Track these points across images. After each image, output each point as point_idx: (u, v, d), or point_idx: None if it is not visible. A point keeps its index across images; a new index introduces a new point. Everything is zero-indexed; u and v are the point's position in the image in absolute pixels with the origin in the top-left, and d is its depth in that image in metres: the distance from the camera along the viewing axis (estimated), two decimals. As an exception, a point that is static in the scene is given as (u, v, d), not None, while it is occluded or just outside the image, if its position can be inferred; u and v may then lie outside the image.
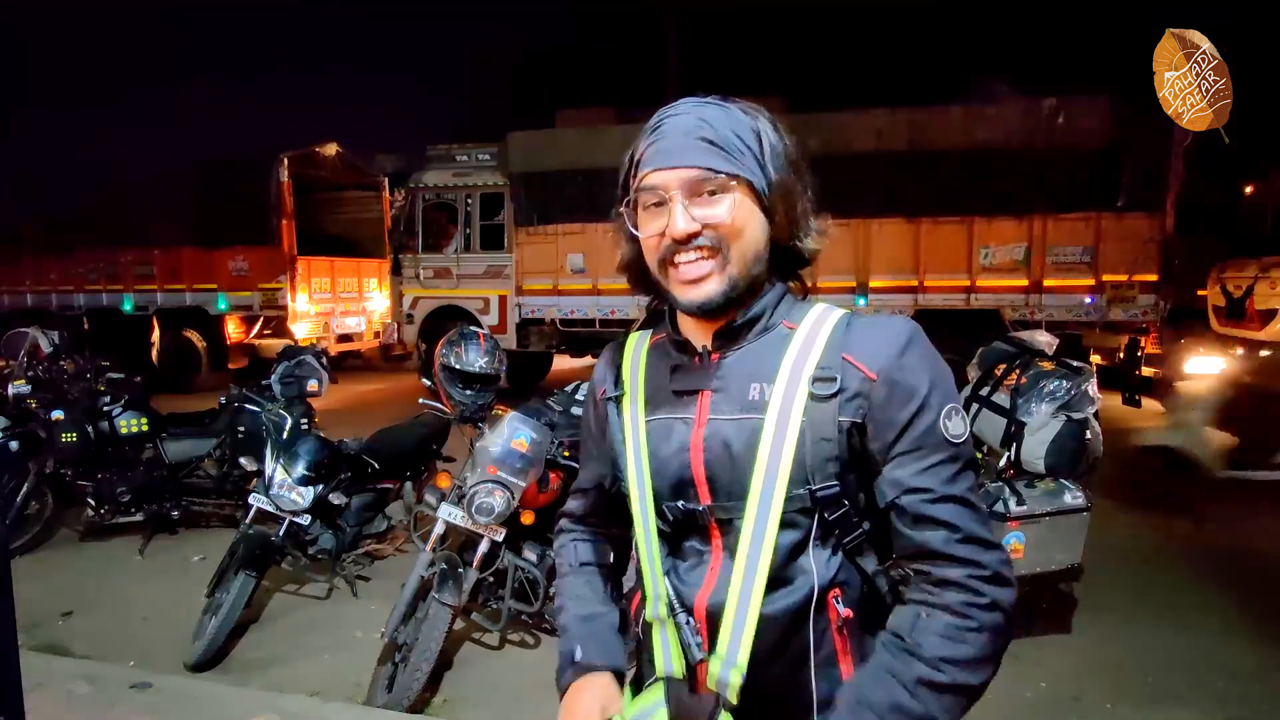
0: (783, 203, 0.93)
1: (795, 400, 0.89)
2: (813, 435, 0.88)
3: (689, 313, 0.95)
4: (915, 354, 0.90)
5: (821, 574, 0.90)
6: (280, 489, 3.37)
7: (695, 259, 0.90)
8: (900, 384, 0.88)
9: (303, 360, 4.12)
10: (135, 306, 10.61)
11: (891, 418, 0.88)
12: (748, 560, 0.89)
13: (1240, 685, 2.95)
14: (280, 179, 9.69)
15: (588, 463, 1.16)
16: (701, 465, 0.93)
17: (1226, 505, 5.08)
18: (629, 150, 0.97)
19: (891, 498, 0.88)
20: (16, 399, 4.44)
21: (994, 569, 0.86)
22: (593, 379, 1.13)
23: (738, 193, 0.90)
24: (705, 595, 0.93)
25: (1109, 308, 7.48)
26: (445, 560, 2.82)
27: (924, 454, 0.87)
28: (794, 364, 0.91)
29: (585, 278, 8.84)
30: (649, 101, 9.69)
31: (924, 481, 0.87)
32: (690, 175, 0.89)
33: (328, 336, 10.29)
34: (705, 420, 0.94)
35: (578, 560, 1.16)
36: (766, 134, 0.93)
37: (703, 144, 0.89)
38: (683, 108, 0.93)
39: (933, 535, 0.86)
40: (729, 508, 0.92)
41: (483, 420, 3.16)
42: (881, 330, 0.91)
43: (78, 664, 2.96)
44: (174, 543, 4.44)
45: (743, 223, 0.91)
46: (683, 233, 0.89)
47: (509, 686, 2.97)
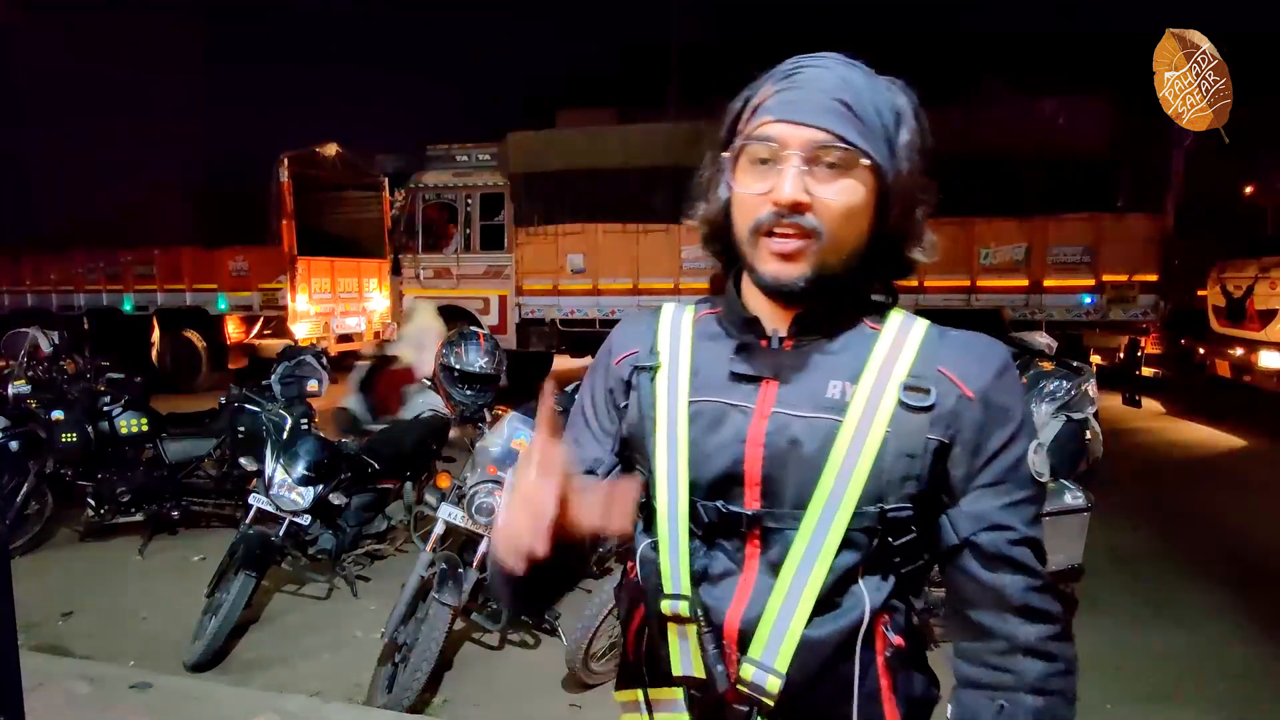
0: (903, 201, 0.81)
1: (880, 406, 0.79)
2: (895, 448, 0.78)
3: (765, 289, 0.82)
4: (1010, 379, 0.82)
5: (874, 599, 0.80)
6: (280, 489, 3.37)
7: (790, 233, 0.78)
8: (997, 408, 0.80)
9: (303, 360, 4.13)
10: (135, 306, 10.62)
11: (982, 444, 0.79)
12: (794, 580, 0.78)
13: (1242, 686, 2.95)
14: (280, 179, 9.68)
15: (575, 442, 0.96)
16: (759, 463, 0.81)
17: (1228, 505, 5.08)
18: (745, 91, 0.84)
19: (969, 533, 0.79)
20: (16, 399, 4.44)
21: (1064, 622, 0.80)
22: (610, 344, 0.96)
23: (862, 174, 0.78)
24: (738, 612, 0.81)
25: (1109, 308, 7.49)
26: (445, 560, 2.82)
27: (1009, 489, 0.79)
28: (882, 366, 0.81)
29: (585, 278, 8.85)
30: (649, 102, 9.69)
31: (1007, 519, 0.79)
32: (817, 138, 0.77)
33: (328, 336, 10.28)
34: (769, 412, 0.82)
35: None
36: (907, 118, 0.82)
37: (840, 107, 0.77)
38: (825, 61, 0.81)
39: (1010, 580, 0.78)
40: (781, 516, 0.80)
41: (483, 420, 3.16)
42: (978, 347, 0.83)
43: (78, 664, 2.95)
44: (174, 543, 4.43)
45: (854, 211, 0.79)
46: (790, 199, 0.76)
47: (509, 686, 2.97)
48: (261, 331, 10.34)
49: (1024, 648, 0.78)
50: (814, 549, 0.78)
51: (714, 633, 0.81)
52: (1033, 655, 0.78)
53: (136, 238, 10.43)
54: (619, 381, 0.93)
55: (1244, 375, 7.48)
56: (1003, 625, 0.79)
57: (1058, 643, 0.79)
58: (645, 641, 0.91)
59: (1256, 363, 7.19)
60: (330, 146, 10.45)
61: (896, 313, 0.87)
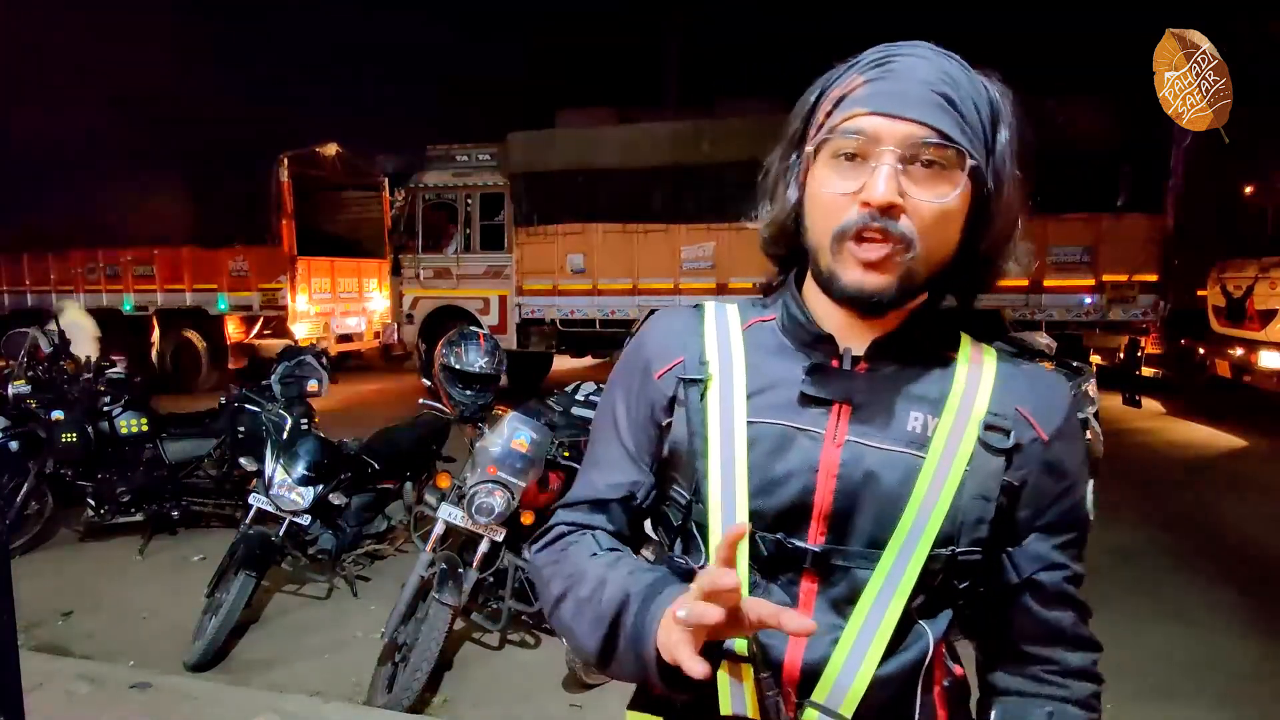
0: (1003, 211, 0.75)
1: (961, 444, 0.74)
2: (972, 490, 0.74)
3: (846, 299, 0.74)
4: (1075, 419, 0.80)
5: (935, 631, 0.77)
6: (280, 489, 3.37)
7: (878, 238, 0.70)
8: (1066, 452, 0.78)
9: (303, 360, 4.12)
10: (135, 306, 10.62)
11: (1050, 487, 0.77)
12: (866, 622, 0.73)
13: (1245, 685, 2.94)
14: (280, 179, 9.69)
15: (609, 464, 0.86)
16: (830, 495, 0.74)
17: (1228, 505, 5.08)
18: (817, 84, 0.77)
19: (1030, 572, 0.78)
20: (16, 399, 4.43)
21: (1100, 649, 0.82)
22: (645, 349, 0.86)
23: (961, 178, 0.71)
24: (799, 653, 0.74)
25: (1109, 308, 7.48)
26: (445, 560, 2.82)
27: (1068, 529, 0.79)
28: (963, 400, 0.76)
29: (585, 278, 8.85)
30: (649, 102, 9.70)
31: (1065, 558, 0.79)
32: (917, 134, 0.69)
33: (327, 337, 10.29)
34: (843, 440, 0.75)
35: (607, 545, 0.83)
36: (1005, 117, 0.75)
37: (941, 101, 0.70)
38: (920, 50, 0.73)
39: (1065, 616, 0.79)
40: (850, 555, 0.74)
41: (483, 420, 3.16)
42: (1048, 385, 0.81)
43: (78, 664, 2.95)
44: (174, 543, 4.43)
45: (949, 217, 0.72)
46: (884, 199, 0.69)
47: (509, 686, 2.97)
48: (261, 331, 10.34)
49: (1075, 671, 0.80)
50: (889, 590, 0.73)
51: (773, 675, 0.73)
52: (1082, 678, 0.80)
53: (136, 237, 10.44)
54: (663, 397, 0.83)
55: (1244, 375, 7.48)
56: (1053, 654, 0.80)
57: (1096, 665, 0.81)
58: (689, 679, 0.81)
59: (1256, 363, 7.20)
60: (330, 146, 10.46)
61: (965, 339, 0.82)
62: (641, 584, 0.73)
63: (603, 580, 0.77)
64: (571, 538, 0.86)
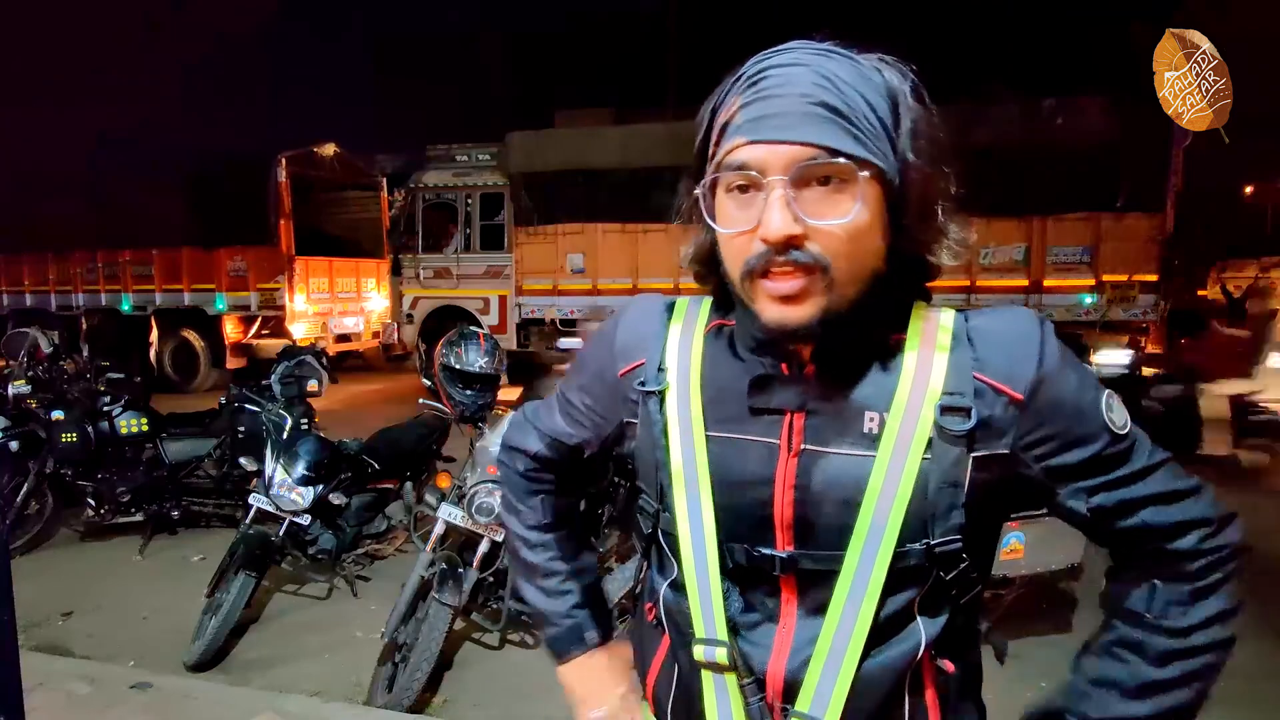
0: (920, 203, 0.70)
1: (915, 435, 0.71)
2: (937, 480, 0.70)
3: (771, 337, 0.72)
4: (1053, 354, 0.73)
5: (930, 632, 0.73)
6: (280, 489, 3.37)
7: (790, 271, 0.67)
8: (1052, 401, 0.72)
9: (303, 360, 4.12)
10: (133, 306, 10.62)
11: (1049, 440, 0.72)
12: (839, 627, 0.72)
13: (1248, 686, 2.93)
14: (278, 179, 9.69)
15: (570, 419, 0.94)
16: (790, 506, 0.73)
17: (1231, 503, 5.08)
18: (708, 103, 0.73)
19: (1086, 508, 0.74)
20: (16, 399, 4.44)
21: (1216, 515, 0.77)
22: (614, 340, 0.87)
23: (863, 186, 0.66)
24: (780, 663, 0.74)
25: (1109, 308, 7.49)
26: (445, 560, 2.82)
27: (1102, 464, 0.73)
28: (914, 385, 0.72)
29: (585, 278, 8.85)
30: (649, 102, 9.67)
31: (1112, 475, 0.74)
32: (802, 156, 0.65)
33: (325, 336, 10.29)
34: (799, 449, 0.73)
35: (552, 516, 0.99)
36: (906, 101, 0.69)
37: (823, 112, 0.65)
38: (796, 55, 0.68)
39: (1152, 515, 0.74)
40: (819, 559, 0.73)
41: (483, 420, 3.16)
42: (1010, 330, 0.73)
43: (78, 664, 2.95)
44: (174, 543, 4.43)
45: (861, 231, 0.68)
46: (780, 235, 0.66)
47: (509, 686, 2.97)
48: (259, 331, 10.34)
49: (1181, 552, 0.76)
50: (859, 591, 0.71)
51: (756, 683, 0.74)
52: (1190, 557, 0.76)
53: (135, 238, 10.44)
54: (623, 396, 0.86)
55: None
56: (1162, 544, 0.76)
57: (1214, 537, 0.78)
58: (674, 689, 0.84)
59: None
60: (328, 147, 10.46)
61: (918, 311, 0.76)
62: (562, 617, 0.97)
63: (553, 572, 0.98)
64: (526, 485, 1.00)
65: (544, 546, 0.99)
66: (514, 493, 1.01)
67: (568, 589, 0.98)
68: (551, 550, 0.99)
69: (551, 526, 0.99)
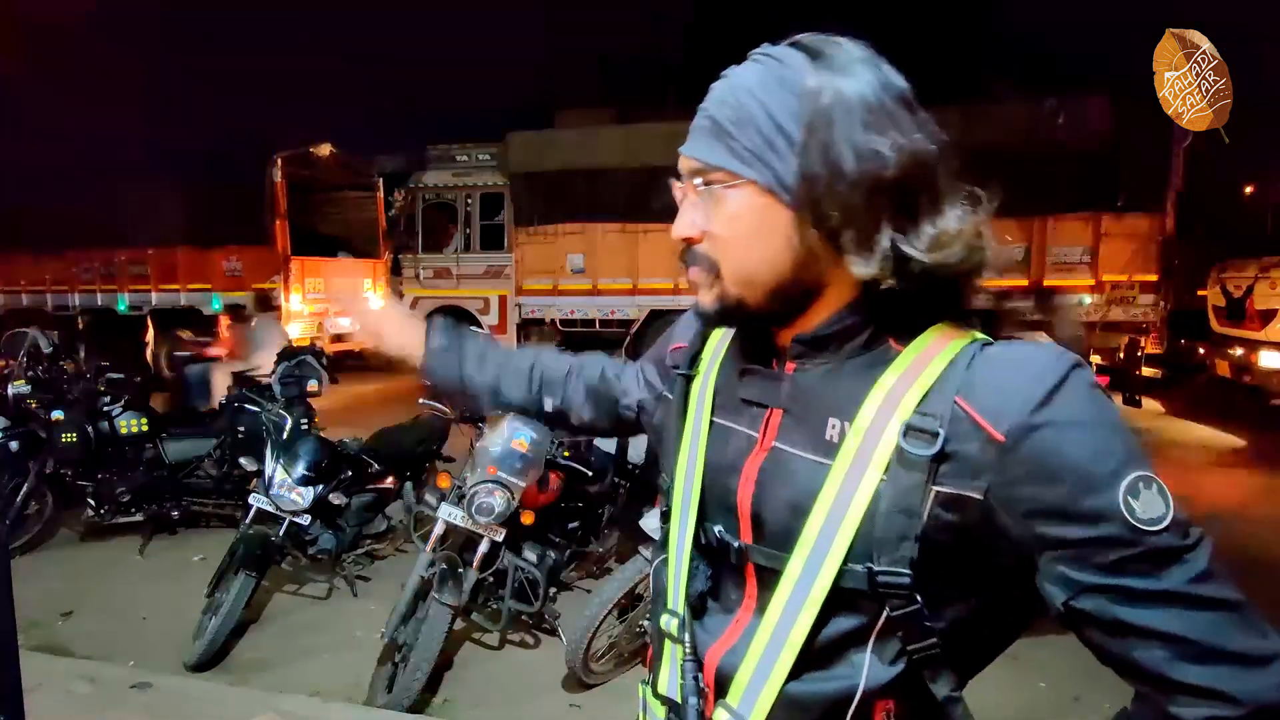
0: (832, 216, 0.66)
1: (877, 451, 0.66)
2: (889, 504, 0.65)
3: (703, 319, 0.83)
4: (1068, 403, 0.62)
5: (872, 676, 0.68)
6: (280, 489, 3.37)
7: (691, 267, 0.76)
8: (1046, 454, 0.61)
9: (303, 360, 4.12)
10: (130, 306, 10.63)
11: (1037, 498, 0.62)
12: (776, 629, 0.70)
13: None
14: (274, 179, 9.68)
15: (634, 377, 1.07)
16: (749, 498, 0.75)
17: (1228, 505, 5.08)
18: None
19: (1064, 599, 0.63)
20: (16, 399, 4.43)
21: (1256, 702, 0.59)
22: (676, 326, 0.98)
23: (747, 198, 0.70)
24: (719, 652, 0.76)
25: (1109, 308, 7.49)
26: (445, 560, 2.82)
27: (1100, 557, 0.61)
28: (886, 400, 0.67)
29: (585, 278, 8.86)
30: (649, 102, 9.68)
31: (1112, 580, 0.61)
32: (690, 166, 0.74)
33: (321, 336, 10.27)
34: (769, 445, 0.75)
35: (538, 387, 1.10)
36: (839, 112, 0.65)
37: (709, 125, 0.71)
38: (731, 70, 0.73)
39: (1147, 655, 0.62)
40: (769, 556, 0.72)
41: (483, 420, 3.16)
42: (1023, 364, 0.65)
43: (78, 664, 2.95)
44: (174, 543, 4.43)
45: (748, 237, 0.71)
46: (676, 236, 0.75)
47: (509, 686, 2.97)
48: (258, 331, 10.34)
49: None
50: (799, 598, 0.68)
51: (695, 663, 0.76)
52: None
53: (131, 237, 10.44)
54: (666, 374, 0.96)
55: (1244, 375, 7.48)
56: (1164, 701, 0.66)
57: None
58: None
59: (1256, 362, 7.19)
60: (324, 147, 10.45)
61: (938, 326, 0.70)
62: None
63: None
64: (565, 364, 1.12)
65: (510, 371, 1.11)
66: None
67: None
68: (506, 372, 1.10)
69: (528, 386, 1.10)
